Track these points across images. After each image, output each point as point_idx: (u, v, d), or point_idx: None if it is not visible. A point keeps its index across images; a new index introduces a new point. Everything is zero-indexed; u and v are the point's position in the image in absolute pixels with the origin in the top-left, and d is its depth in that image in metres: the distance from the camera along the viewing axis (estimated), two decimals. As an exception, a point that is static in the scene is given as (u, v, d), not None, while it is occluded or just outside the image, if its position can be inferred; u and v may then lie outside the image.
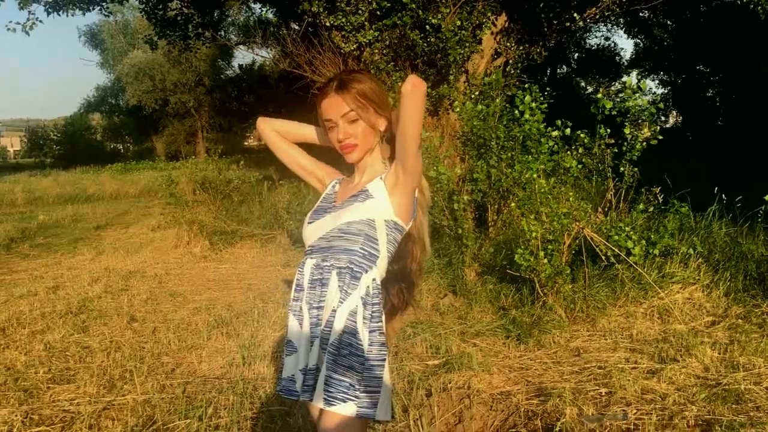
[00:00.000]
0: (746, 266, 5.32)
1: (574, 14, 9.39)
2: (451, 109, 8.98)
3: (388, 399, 1.92)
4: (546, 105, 6.17)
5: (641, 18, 20.01)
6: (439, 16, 8.45)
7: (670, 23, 20.49)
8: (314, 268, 1.99)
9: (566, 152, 6.16)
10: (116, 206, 16.26)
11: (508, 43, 9.93)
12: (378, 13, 8.72)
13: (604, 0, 9.21)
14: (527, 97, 6.03)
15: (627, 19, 20.13)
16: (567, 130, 6.11)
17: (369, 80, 2.00)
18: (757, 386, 3.47)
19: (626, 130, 5.84)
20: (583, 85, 30.47)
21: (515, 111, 6.20)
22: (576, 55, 28.34)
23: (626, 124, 5.87)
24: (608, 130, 6.04)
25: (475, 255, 6.12)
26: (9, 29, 10.17)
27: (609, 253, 5.05)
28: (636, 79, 14.59)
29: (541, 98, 6.21)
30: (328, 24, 8.91)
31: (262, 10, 14.28)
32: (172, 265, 7.71)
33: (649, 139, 5.78)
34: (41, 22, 10.39)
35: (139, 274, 7.17)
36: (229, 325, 5.05)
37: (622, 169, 5.90)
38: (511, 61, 10.14)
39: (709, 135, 20.44)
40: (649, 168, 6.44)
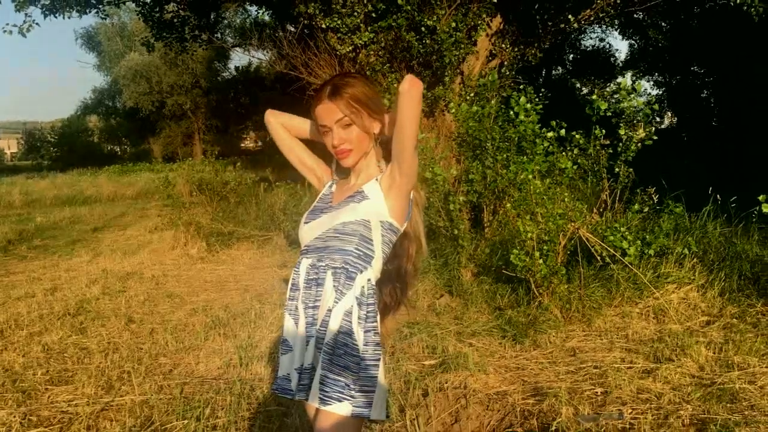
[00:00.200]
0: (741, 266, 5.33)
1: (569, 16, 9.41)
2: (446, 110, 9.00)
3: (383, 398, 1.93)
4: (541, 106, 6.19)
5: (636, 19, 20.06)
6: (435, 17, 8.47)
7: (664, 25, 20.53)
8: (310, 268, 2.01)
9: (561, 153, 6.19)
10: (113, 208, 16.24)
11: (503, 45, 9.96)
12: (373, 15, 8.74)
13: (599, 1, 9.23)
14: (522, 99, 6.05)
15: (621, 20, 20.14)
16: (562, 131, 6.13)
17: (362, 84, 2.01)
18: (752, 385, 3.49)
19: (621, 130, 5.87)
20: (579, 86, 30.49)
21: (510, 112, 6.22)
22: (571, 56, 28.35)
23: (621, 125, 5.90)
24: (603, 131, 6.07)
25: (471, 255, 6.13)
26: (5, 31, 10.14)
27: (604, 254, 5.07)
28: (631, 81, 14.64)
29: (536, 99, 6.23)
30: (323, 26, 8.93)
31: (258, 12, 14.32)
32: (170, 267, 7.72)
33: (643, 140, 5.81)
34: (38, 24, 10.38)
35: (136, 276, 7.18)
36: (226, 326, 5.05)
37: (617, 169, 5.93)
38: (506, 63, 10.17)
39: (704, 136, 20.47)
40: (645, 168, 6.46)
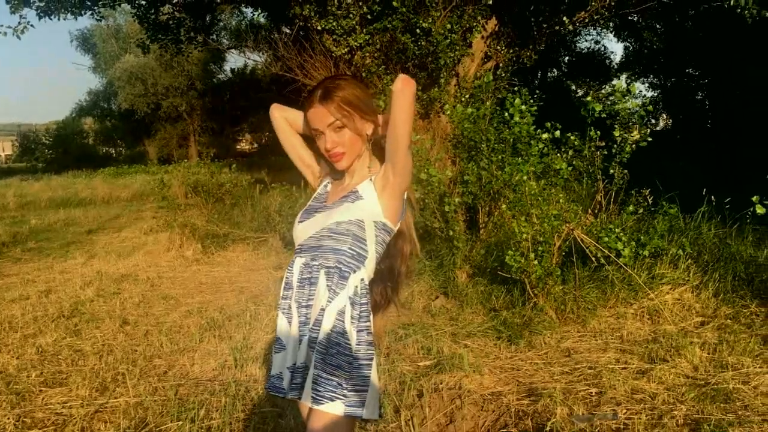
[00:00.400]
0: (735, 267, 5.35)
1: (564, 18, 9.42)
2: (442, 112, 9.01)
3: (376, 398, 1.94)
4: (536, 107, 6.20)
5: (630, 22, 20.12)
6: (430, 19, 8.48)
7: (659, 27, 20.60)
8: (303, 267, 2.01)
9: (556, 154, 6.20)
10: (108, 210, 16.20)
11: (499, 47, 9.97)
12: (369, 16, 8.75)
13: (593, 4, 9.24)
14: (517, 100, 6.06)
15: (616, 22, 20.22)
16: (557, 133, 6.14)
17: (353, 86, 2.00)
18: (746, 385, 3.50)
19: (616, 132, 5.88)
20: (574, 88, 30.55)
21: (505, 114, 6.23)
22: (566, 58, 28.41)
23: (616, 126, 5.91)
24: (598, 132, 6.08)
25: (467, 257, 6.14)
26: (0, 33, 10.11)
27: (599, 255, 5.08)
28: (626, 83, 14.69)
29: (531, 101, 6.24)
30: (319, 28, 8.93)
31: (253, 14, 14.32)
32: (165, 269, 7.70)
33: (638, 142, 5.82)
34: (33, 26, 10.34)
35: (131, 278, 7.16)
36: (221, 328, 5.05)
37: (611, 171, 5.94)
38: (501, 65, 10.17)
39: (698, 137, 20.54)
40: (639, 170, 6.47)
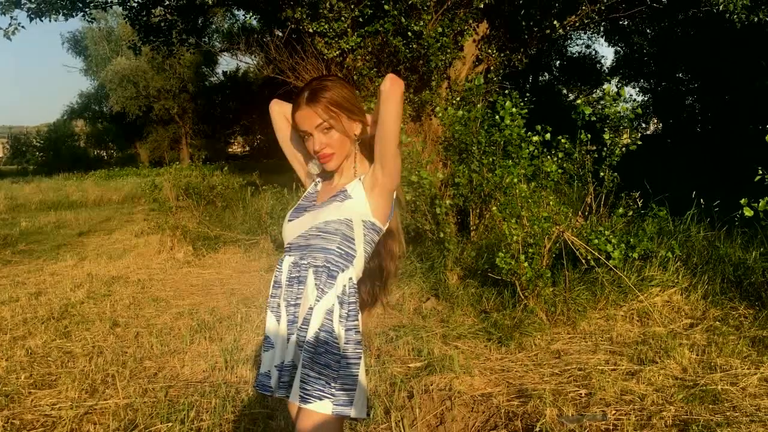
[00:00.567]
0: (724, 269, 5.38)
1: (554, 22, 9.48)
2: (433, 114, 9.02)
3: (364, 396, 1.94)
4: (526, 110, 6.23)
5: (621, 26, 20.20)
6: (421, 23, 8.50)
7: (649, 31, 20.72)
8: (292, 266, 2.02)
9: (547, 157, 6.23)
10: (99, 212, 16.12)
11: (490, 50, 10.01)
12: (360, 20, 8.77)
13: (584, 8, 9.30)
14: (508, 103, 6.09)
15: (607, 27, 20.32)
16: (547, 135, 6.17)
17: (339, 87, 1.98)
18: (734, 387, 3.52)
19: (606, 135, 5.92)
20: (565, 92, 30.68)
21: (496, 116, 6.26)
22: (557, 62, 28.54)
23: (606, 130, 5.95)
24: (589, 135, 6.12)
25: (457, 259, 6.15)
26: (-9, 34, 10.06)
27: (589, 257, 5.11)
28: (616, 87, 14.75)
29: (522, 104, 6.27)
30: (311, 30, 8.94)
31: (245, 17, 14.28)
32: (156, 271, 7.68)
33: (628, 145, 5.86)
34: (23, 27, 10.30)
35: (122, 280, 7.13)
36: (212, 330, 5.04)
37: (602, 174, 5.98)
38: (492, 68, 10.21)
39: (688, 141, 20.68)
40: (629, 173, 6.51)
